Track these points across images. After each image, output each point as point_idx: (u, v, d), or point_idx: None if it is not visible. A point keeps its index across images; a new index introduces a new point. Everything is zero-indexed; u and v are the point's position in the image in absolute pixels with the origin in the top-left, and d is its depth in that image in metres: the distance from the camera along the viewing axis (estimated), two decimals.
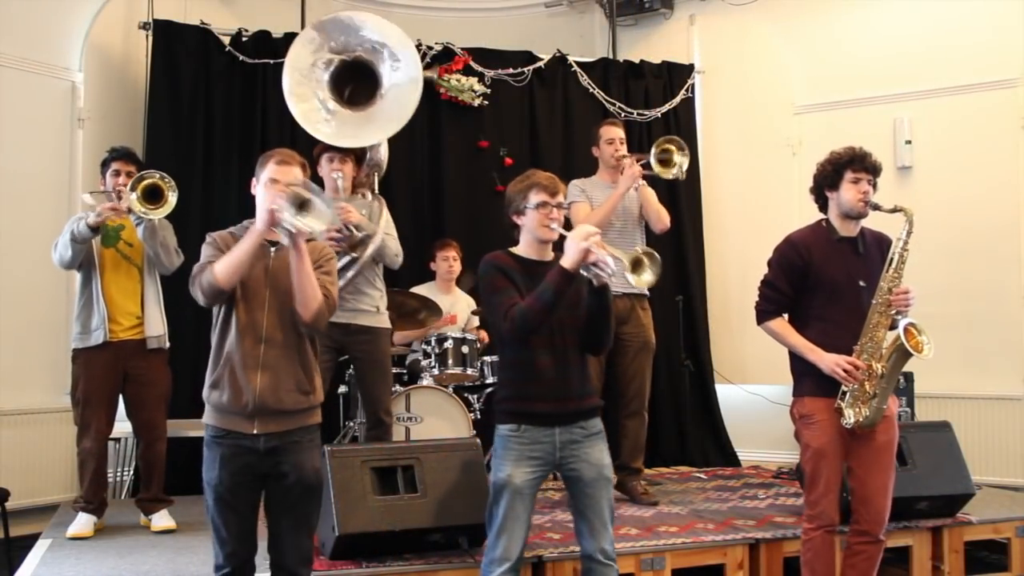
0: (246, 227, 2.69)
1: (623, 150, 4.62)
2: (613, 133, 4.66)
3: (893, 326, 3.15)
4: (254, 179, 2.72)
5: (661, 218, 4.62)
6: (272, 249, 2.68)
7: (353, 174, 4.11)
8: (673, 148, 4.54)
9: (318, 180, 4.19)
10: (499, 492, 2.80)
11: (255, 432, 2.61)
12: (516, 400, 2.85)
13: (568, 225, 2.89)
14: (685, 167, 4.56)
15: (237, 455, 2.61)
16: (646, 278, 2.72)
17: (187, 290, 4.80)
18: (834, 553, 3.23)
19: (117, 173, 4.05)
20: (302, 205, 2.50)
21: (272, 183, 2.62)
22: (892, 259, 3.17)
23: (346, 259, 3.91)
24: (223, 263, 2.55)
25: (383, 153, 4.37)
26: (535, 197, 2.85)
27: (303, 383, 2.68)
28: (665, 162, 4.56)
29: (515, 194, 2.91)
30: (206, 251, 2.66)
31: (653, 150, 4.56)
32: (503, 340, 2.88)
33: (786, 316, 3.29)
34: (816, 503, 3.17)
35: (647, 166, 4.55)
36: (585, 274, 2.72)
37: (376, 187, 4.37)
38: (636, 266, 2.72)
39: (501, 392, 2.95)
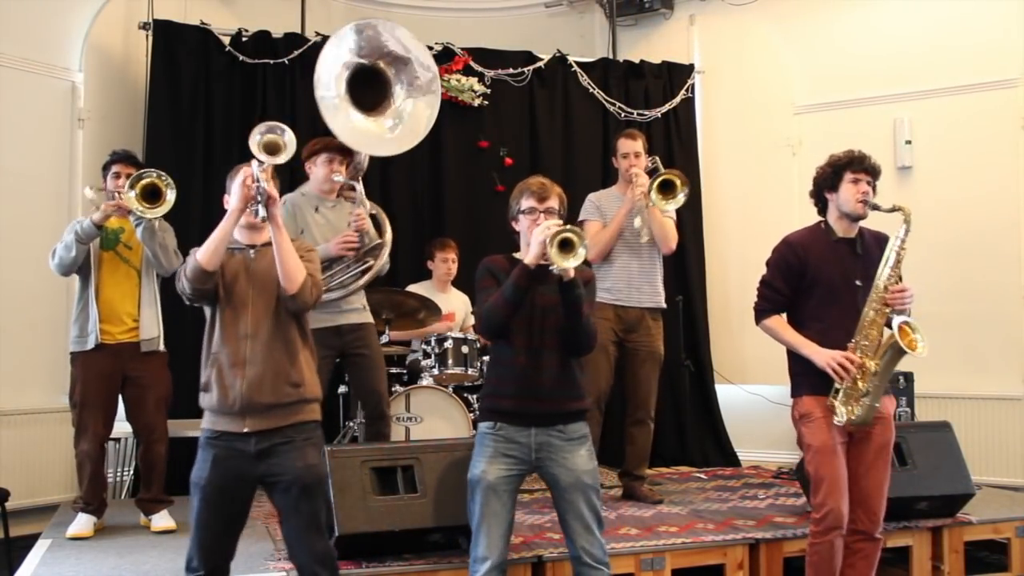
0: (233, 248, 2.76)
1: (638, 165, 4.55)
2: (628, 147, 4.60)
3: (889, 324, 3.16)
4: (226, 195, 2.79)
5: (666, 239, 4.55)
6: (252, 251, 2.74)
7: (345, 176, 4.12)
8: (678, 182, 4.45)
9: (304, 177, 4.19)
10: (473, 488, 2.83)
11: (245, 431, 2.63)
12: (492, 397, 2.90)
13: None
14: (676, 206, 4.49)
15: (229, 457, 2.63)
16: (570, 263, 2.66)
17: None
18: (840, 560, 3.22)
19: (118, 175, 4.05)
20: (271, 148, 2.65)
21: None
22: (888, 258, 3.17)
23: (361, 267, 3.93)
24: (204, 246, 2.63)
25: (365, 155, 4.36)
26: (525, 202, 2.90)
27: (290, 375, 2.69)
28: (666, 189, 4.46)
29: (512, 200, 2.97)
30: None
31: (656, 179, 4.46)
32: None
33: (784, 315, 3.30)
34: (822, 504, 3.14)
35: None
36: (553, 271, 2.70)
37: (358, 188, 4.37)
38: (564, 247, 2.66)
39: (483, 390, 3.01)
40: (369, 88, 4.07)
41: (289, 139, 2.72)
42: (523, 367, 2.82)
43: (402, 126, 4.09)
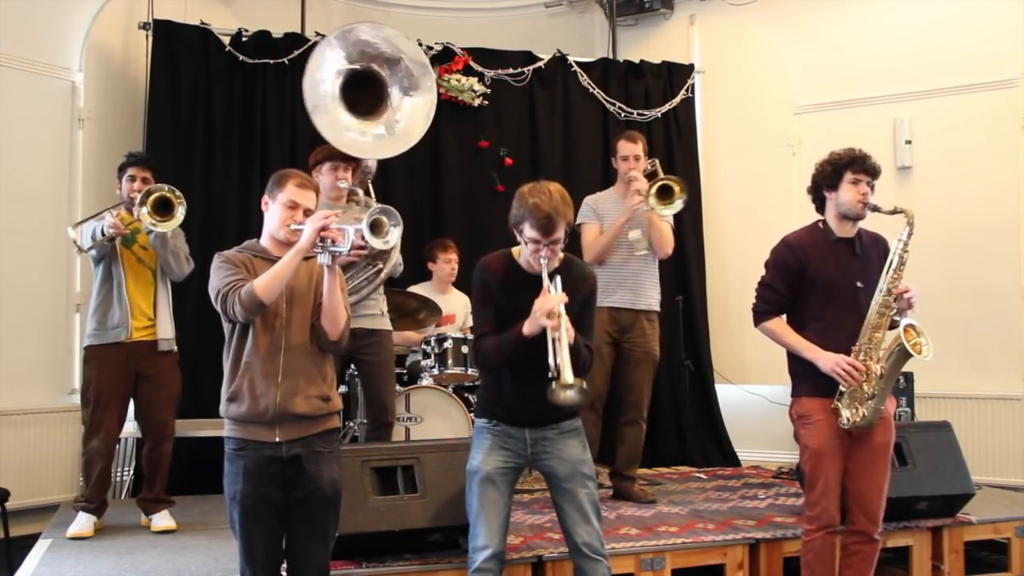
0: (251, 247, 2.75)
1: (637, 168, 4.54)
2: (628, 150, 4.59)
3: (893, 326, 3.16)
4: (266, 196, 2.76)
5: (662, 245, 4.54)
6: None
7: (353, 181, 4.11)
8: (676, 187, 4.42)
9: None
10: (471, 479, 2.87)
11: (277, 440, 2.63)
12: (487, 400, 2.98)
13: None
14: (673, 211, 4.48)
15: (260, 465, 2.62)
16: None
17: (187, 293, 4.78)
18: (835, 555, 3.23)
19: (132, 179, 4.05)
20: (375, 227, 2.62)
21: (293, 206, 2.70)
22: (892, 261, 3.16)
23: (372, 270, 3.93)
24: (265, 281, 2.57)
25: (372, 160, 4.35)
26: (529, 231, 2.76)
27: (323, 390, 2.71)
28: (664, 195, 4.43)
29: (516, 210, 2.81)
30: (225, 270, 2.65)
31: (654, 185, 4.44)
32: None
33: (783, 317, 3.29)
34: (816, 503, 3.17)
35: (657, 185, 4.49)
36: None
37: (371, 192, 4.37)
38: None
39: (478, 392, 3.06)
40: (364, 92, 4.07)
41: (394, 235, 2.67)
42: (517, 388, 2.85)
43: (399, 126, 4.09)
